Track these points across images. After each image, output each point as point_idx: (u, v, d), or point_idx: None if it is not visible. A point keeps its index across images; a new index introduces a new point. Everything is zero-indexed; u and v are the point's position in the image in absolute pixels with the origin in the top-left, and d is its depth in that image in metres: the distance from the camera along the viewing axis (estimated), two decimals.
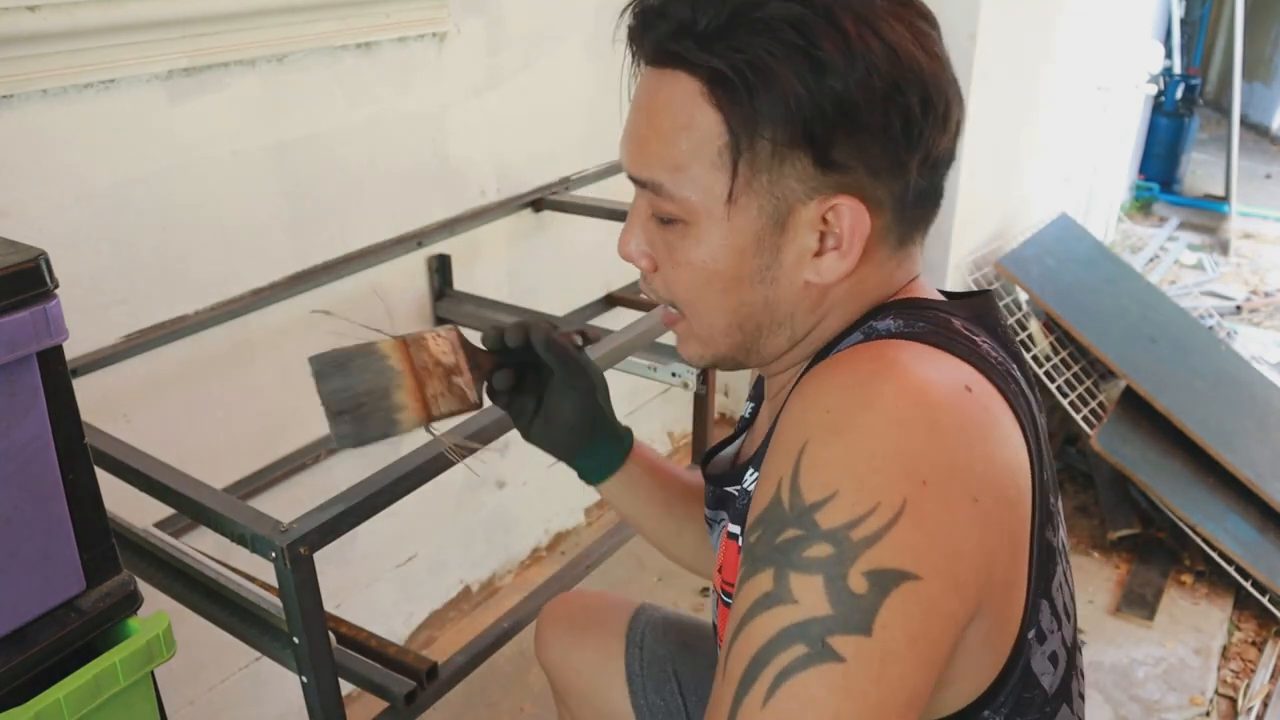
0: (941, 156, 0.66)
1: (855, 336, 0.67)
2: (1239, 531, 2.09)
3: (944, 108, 0.63)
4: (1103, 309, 2.54)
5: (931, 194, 0.68)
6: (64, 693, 0.70)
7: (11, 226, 1.13)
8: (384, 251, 1.57)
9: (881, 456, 0.54)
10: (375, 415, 0.77)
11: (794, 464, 0.56)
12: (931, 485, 0.54)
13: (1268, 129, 6.30)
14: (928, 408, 0.56)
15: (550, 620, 1.11)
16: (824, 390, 0.59)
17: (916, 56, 0.61)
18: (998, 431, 0.59)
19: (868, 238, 0.65)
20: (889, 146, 0.62)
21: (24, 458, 0.70)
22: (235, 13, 1.27)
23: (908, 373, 0.58)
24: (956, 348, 0.62)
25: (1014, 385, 0.64)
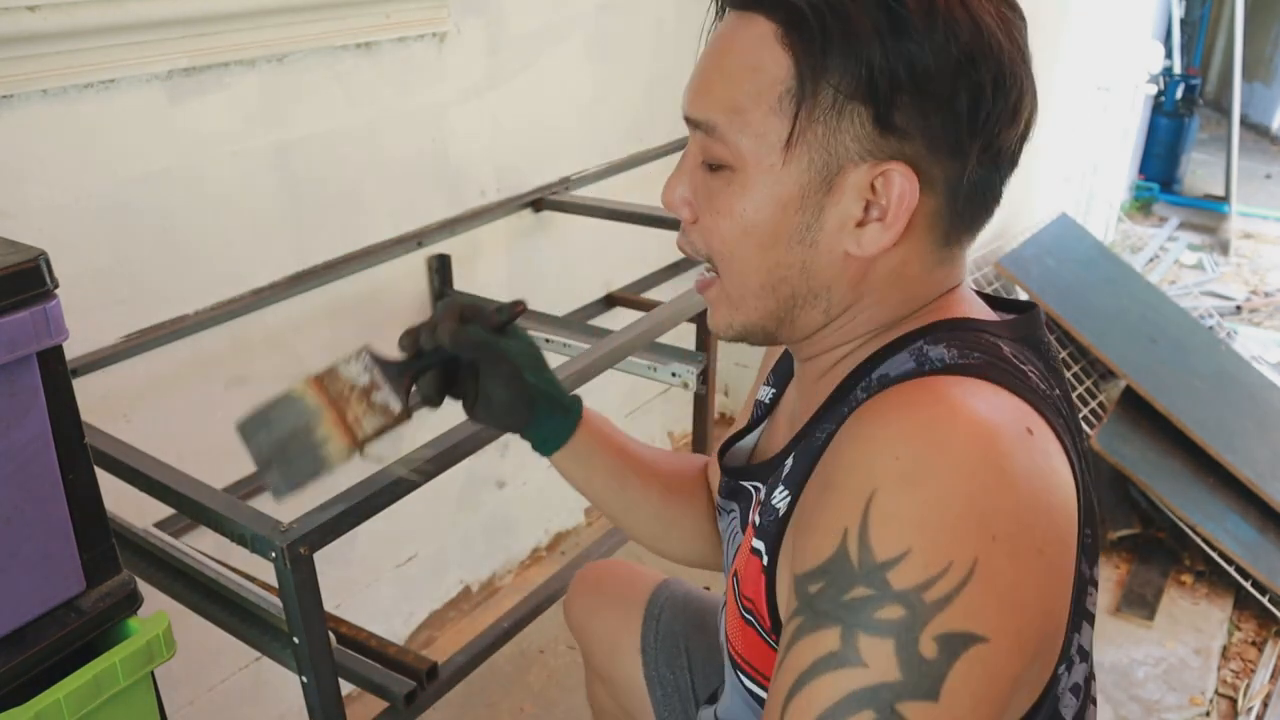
0: (1005, 149, 0.63)
1: (905, 361, 0.63)
2: (1239, 531, 2.09)
3: (1016, 96, 0.61)
4: (1103, 309, 2.54)
5: (987, 192, 0.65)
6: (64, 693, 0.70)
7: (11, 226, 1.13)
8: (384, 251, 1.57)
9: (955, 511, 0.52)
10: (302, 456, 0.76)
11: (862, 515, 0.54)
12: (1001, 540, 0.52)
13: (1268, 129, 6.30)
14: (997, 456, 0.54)
15: (579, 585, 1.16)
16: (889, 433, 0.56)
17: (998, 36, 0.60)
18: (1056, 476, 0.57)
19: (917, 217, 0.63)
20: (953, 122, 0.60)
21: (24, 458, 0.70)
22: (235, 13, 1.27)
23: (975, 417, 0.55)
24: (1014, 383, 0.60)
25: (1062, 419, 0.62)
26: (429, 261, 1.68)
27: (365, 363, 0.79)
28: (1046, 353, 0.69)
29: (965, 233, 0.67)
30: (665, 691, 1.06)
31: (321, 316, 1.53)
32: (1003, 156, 0.63)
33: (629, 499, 0.94)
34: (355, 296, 1.57)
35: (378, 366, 0.79)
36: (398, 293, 1.65)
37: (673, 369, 1.39)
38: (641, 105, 2.06)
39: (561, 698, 1.78)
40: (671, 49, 2.09)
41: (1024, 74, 0.62)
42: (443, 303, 0.86)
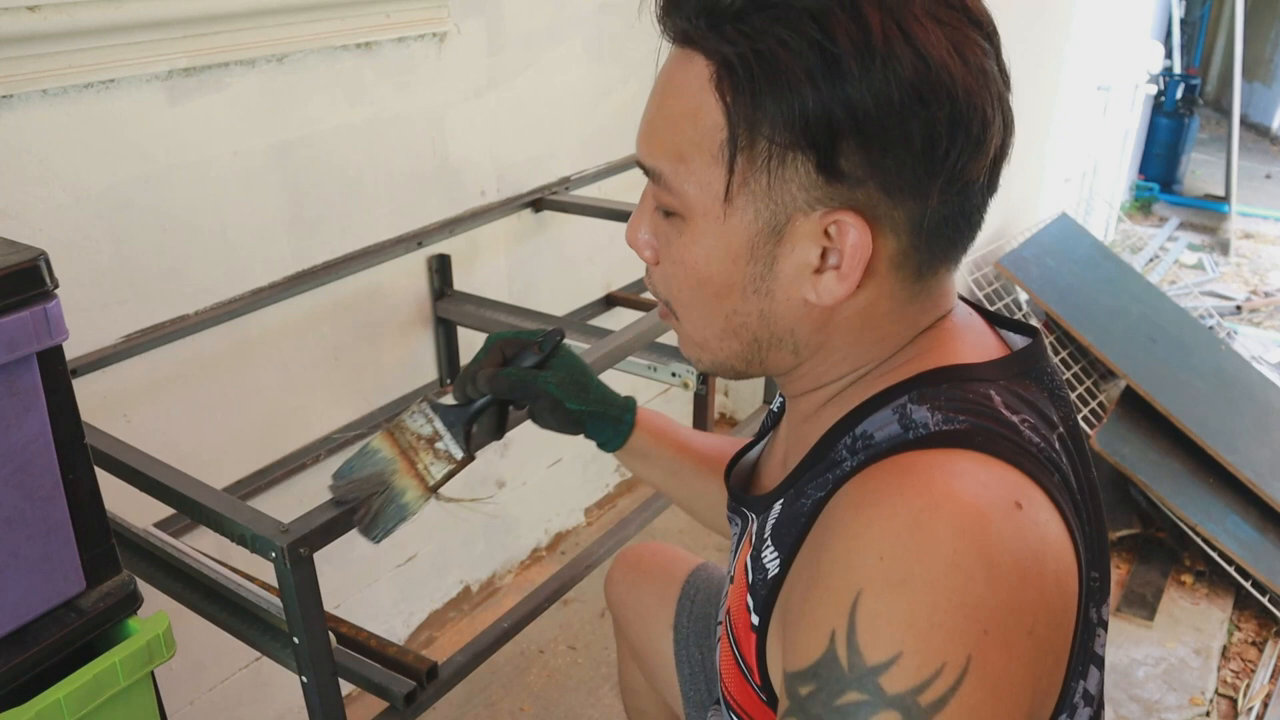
0: (973, 181, 0.59)
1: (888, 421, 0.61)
2: (1239, 531, 2.09)
3: (979, 128, 0.57)
4: (1103, 309, 2.54)
5: (960, 221, 0.61)
6: (64, 693, 0.70)
7: (11, 226, 1.13)
8: (384, 251, 1.57)
9: (944, 610, 0.51)
10: (386, 508, 0.84)
11: (848, 618, 0.53)
12: (992, 632, 0.51)
13: (1268, 129, 6.30)
14: (985, 546, 0.53)
15: (621, 561, 1.21)
16: (873, 532, 0.54)
17: (949, 66, 0.56)
18: (1047, 548, 0.56)
19: (879, 260, 0.60)
20: (907, 163, 0.57)
21: (24, 458, 0.70)
22: (235, 13, 1.27)
23: (960, 507, 0.54)
24: (1002, 447, 0.57)
25: (1057, 474, 0.59)
26: (429, 261, 1.69)
27: (426, 413, 0.85)
28: (1050, 381, 0.67)
29: (942, 263, 0.63)
30: (692, 670, 1.09)
31: (321, 316, 1.53)
32: (972, 188, 0.60)
33: (689, 490, 1.00)
34: (355, 296, 1.57)
35: (437, 415, 0.85)
36: (398, 293, 1.65)
37: (673, 369, 1.39)
38: (641, 105, 2.06)
39: (561, 698, 1.78)
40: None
41: (987, 100, 0.58)
42: (485, 343, 0.90)
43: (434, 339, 1.74)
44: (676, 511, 2.31)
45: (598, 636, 1.92)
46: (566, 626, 1.95)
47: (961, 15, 0.58)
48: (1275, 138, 6.21)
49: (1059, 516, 0.57)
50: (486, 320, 1.64)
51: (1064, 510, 0.57)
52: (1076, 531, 0.58)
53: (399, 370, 1.69)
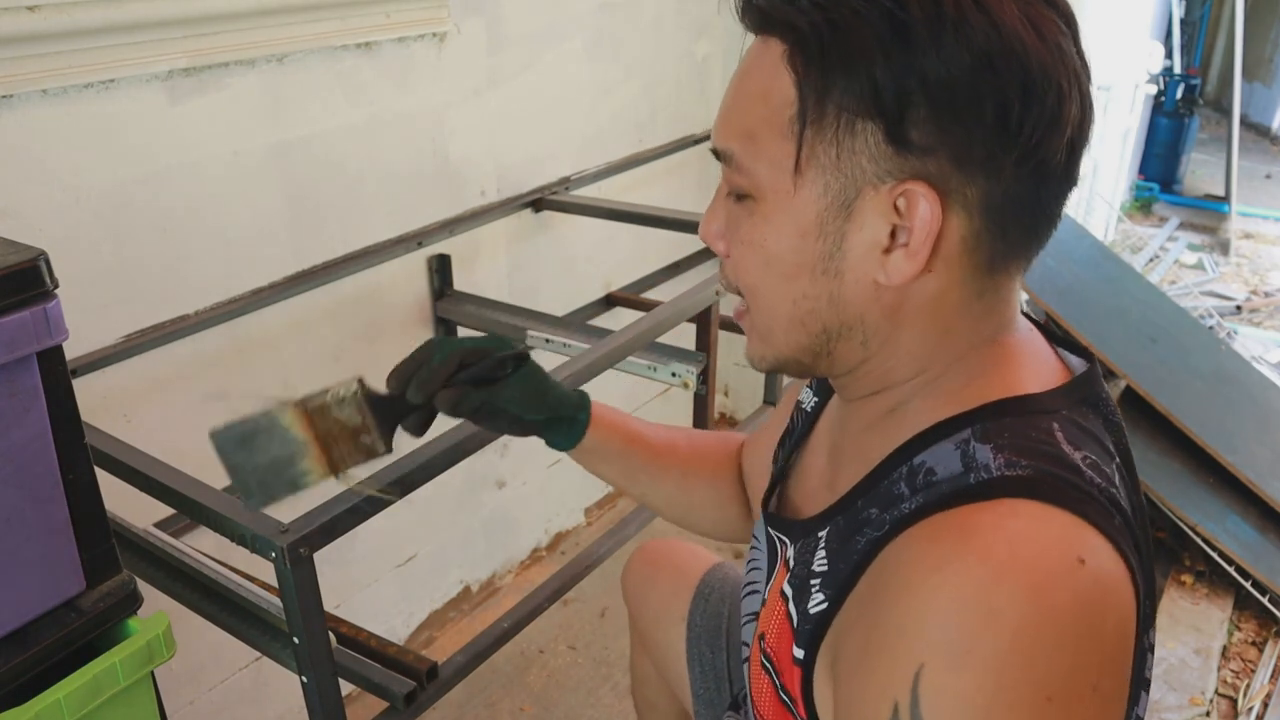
0: (1049, 160, 0.58)
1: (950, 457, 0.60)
2: (1239, 531, 2.09)
3: (1054, 101, 0.56)
4: (1103, 309, 2.54)
5: (1035, 210, 0.60)
6: (64, 693, 0.70)
7: (11, 226, 1.13)
8: (384, 251, 1.57)
9: (1009, 685, 0.51)
10: (278, 479, 0.79)
11: (911, 690, 0.52)
12: (1056, 699, 0.51)
13: (1268, 129, 6.30)
14: (1047, 614, 0.52)
15: (640, 555, 1.21)
16: (937, 601, 0.53)
17: (1023, 36, 0.55)
18: (1109, 597, 0.55)
19: (950, 242, 0.59)
20: (978, 134, 0.56)
21: (24, 458, 0.70)
22: (235, 13, 1.27)
23: (1024, 574, 0.53)
24: (1065, 494, 0.56)
25: (1118, 515, 0.58)
26: (429, 261, 1.68)
27: (359, 404, 0.79)
28: (1105, 406, 0.66)
29: (1012, 259, 0.62)
30: (703, 668, 1.10)
31: (321, 316, 1.53)
32: (1048, 168, 0.58)
33: (643, 484, 0.99)
34: (355, 296, 1.57)
35: (369, 407, 0.80)
36: (398, 293, 1.65)
37: (673, 369, 1.39)
38: (641, 105, 2.06)
39: (561, 698, 1.78)
40: (671, 49, 2.09)
41: (1063, 75, 0.56)
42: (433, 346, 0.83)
43: None
44: None
45: (598, 636, 1.92)
46: (566, 626, 1.95)
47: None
48: (1275, 138, 6.21)
49: (1121, 560, 0.56)
50: (486, 320, 1.64)
51: (1125, 551, 0.57)
52: (1136, 569, 0.57)
53: None
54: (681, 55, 2.13)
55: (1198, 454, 2.20)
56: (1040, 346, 0.67)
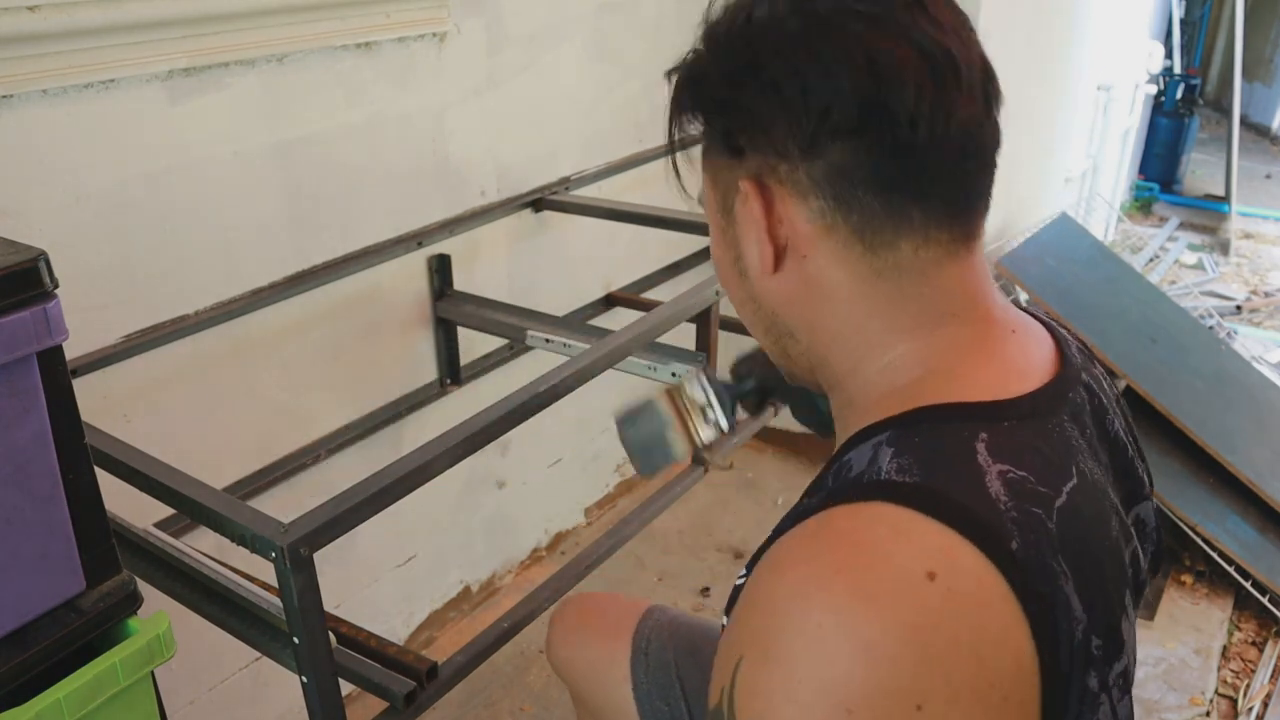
0: (863, 128, 0.58)
1: (864, 455, 0.61)
2: (1239, 531, 2.09)
3: (820, 71, 0.58)
4: (1103, 309, 2.54)
5: (885, 179, 0.60)
6: (64, 693, 0.70)
7: (11, 226, 1.13)
8: (384, 251, 1.57)
9: (801, 687, 0.52)
10: (657, 451, 0.96)
11: (731, 680, 0.55)
12: (856, 712, 0.51)
13: (1268, 129, 6.30)
14: (859, 624, 0.52)
15: (559, 622, 1.13)
16: (764, 595, 0.56)
17: (783, 26, 0.60)
18: (963, 618, 0.53)
19: (798, 224, 0.62)
20: (768, 121, 0.61)
21: (24, 458, 0.70)
22: (235, 13, 1.27)
23: (847, 581, 0.53)
24: (942, 508, 0.55)
25: (1025, 538, 0.56)
26: (429, 261, 1.68)
27: (703, 384, 0.96)
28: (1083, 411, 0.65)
29: (880, 233, 0.62)
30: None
31: (321, 316, 1.53)
32: (862, 134, 0.59)
33: None
34: (355, 296, 1.57)
35: (712, 389, 0.95)
36: (398, 293, 1.65)
37: (673, 369, 1.39)
38: (641, 105, 2.06)
39: (561, 698, 1.78)
40: (671, 49, 2.09)
41: (831, 44, 0.59)
42: None
43: (434, 339, 1.73)
44: (676, 512, 2.32)
45: None
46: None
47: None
48: (1275, 138, 6.21)
49: (1003, 584, 0.54)
50: (486, 320, 1.64)
51: (1013, 579, 0.54)
52: (1036, 604, 0.55)
53: (399, 370, 1.69)
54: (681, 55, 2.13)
55: (1198, 454, 2.20)
56: (1023, 352, 0.66)
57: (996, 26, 2.10)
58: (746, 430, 1.69)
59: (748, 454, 2.56)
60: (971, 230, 0.64)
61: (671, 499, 1.48)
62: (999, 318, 0.66)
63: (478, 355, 1.84)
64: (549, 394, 1.10)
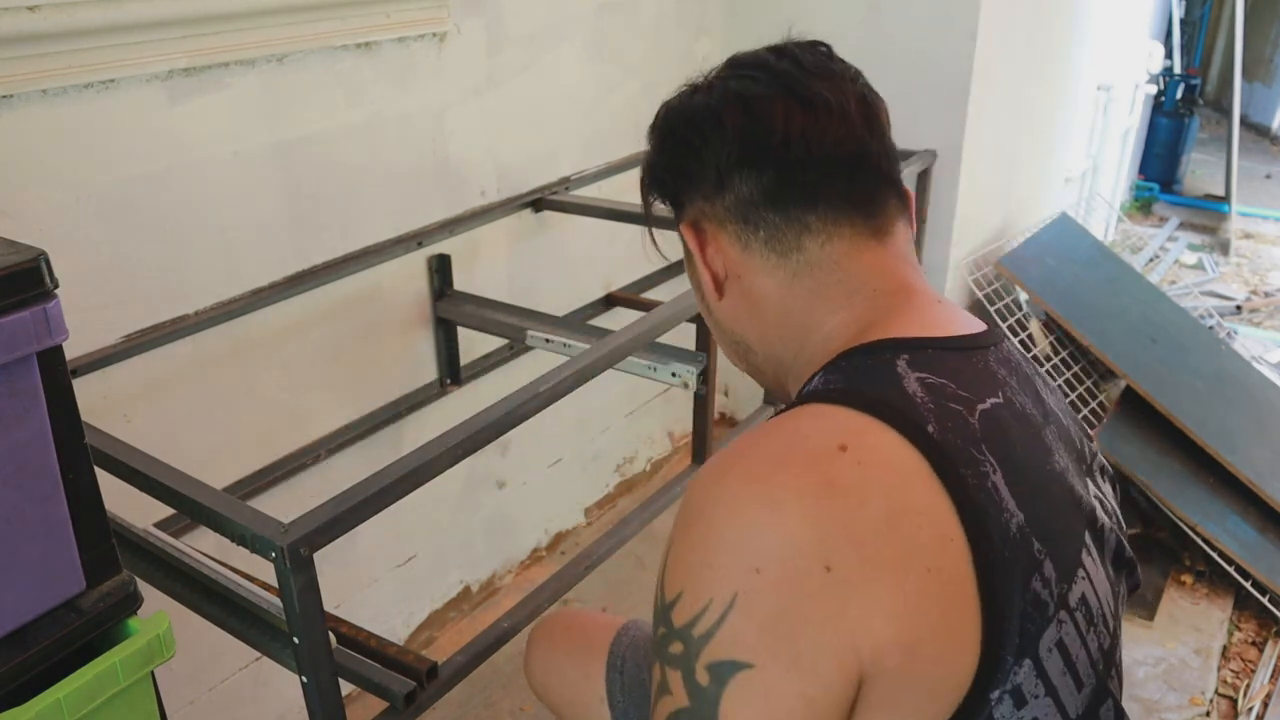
0: (746, 161, 0.73)
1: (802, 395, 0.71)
2: (1239, 531, 2.09)
3: (708, 125, 0.74)
4: (1103, 309, 2.54)
5: (773, 198, 0.73)
6: (64, 693, 0.70)
7: (11, 226, 1.13)
8: (384, 251, 1.57)
9: (715, 550, 0.57)
10: None
11: (663, 564, 0.61)
12: (765, 571, 0.56)
13: (1268, 129, 6.30)
14: (767, 491, 0.58)
15: (534, 645, 1.13)
16: (693, 484, 0.62)
17: (693, 102, 0.76)
18: (873, 485, 0.58)
19: (729, 251, 0.76)
20: (689, 173, 0.76)
21: (24, 458, 0.70)
22: (235, 13, 1.27)
23: (758, 456, 0.60)
24: (856, 398, 0.63)
25: (943, 425, 0.61)
26: (429, 261, 1.68)
27: None
28: (1009, 364, 0.72)
29: (784, 240, 0.73)
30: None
31: (321, 316, 1.53)
32: (749, 166, 0.73)
33: None
34: (355, 296, 1.57)
35: None
36: (397, 293, 1.65)
37: (673, 369, 1.39)
38: (641, 105, 2.06)
39: None
40: (671, 49, 2.09)
41: (709, 102, 0.75)
42: None
43: (434, 339, 1.73)
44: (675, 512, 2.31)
45: None
46: None
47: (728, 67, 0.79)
48: (1275, 138, 6.21)
49: (921, 461, 0.59)
50: (486, 320, 1.64)
51: (933, 458, 0.60)
52: (958, 485, 0.59)
53: (399, 370, 1.69)
54: (681, 55, 2.13)
55: (1198, 454, 2.20)
56: (949, 315, 0.73)
57: (996, 26, 2.10)
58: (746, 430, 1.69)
59: None
60: (877, 226, 0.74)
61: (671, 499, 1.48)
62: (921, 289, 0.75)
63: (478, 355, 1.84)
64: (549, 394, 1.10)
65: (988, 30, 2.06)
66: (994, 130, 2.32)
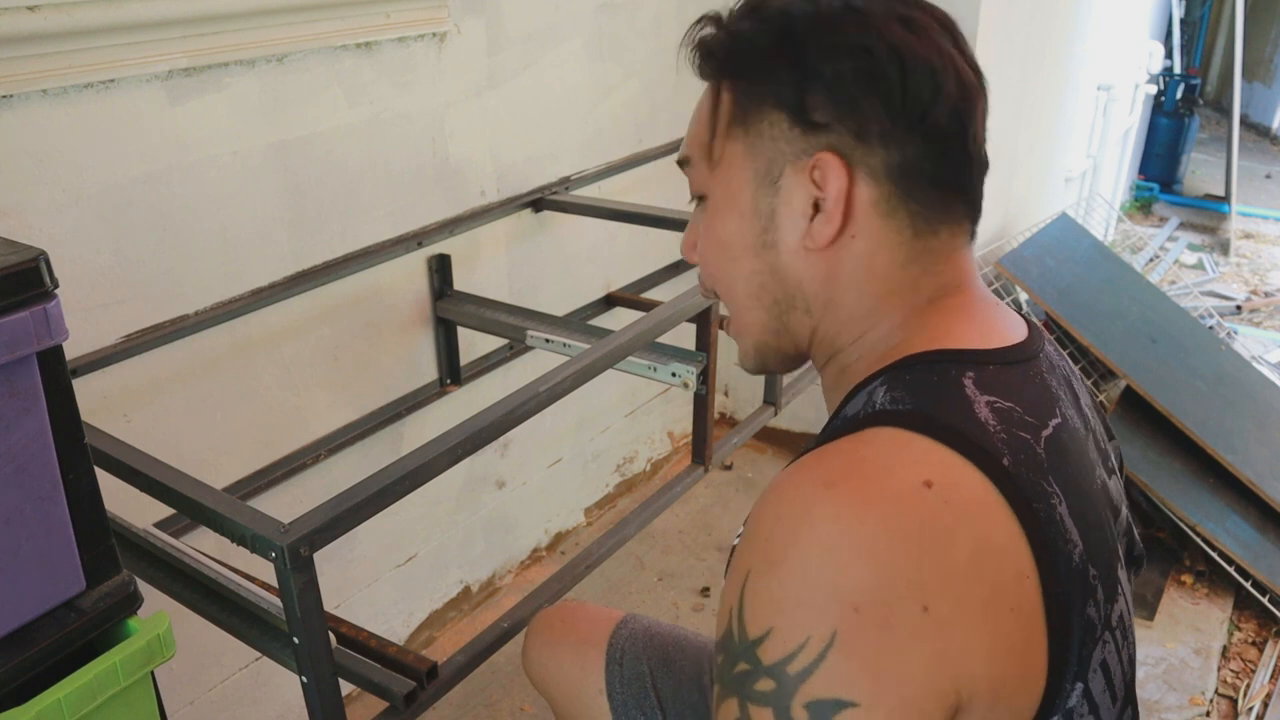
0: (935, 128, 0.65)
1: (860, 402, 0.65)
2: (1239, 531, 2.09)
3: (927, 75, 0.64)
4: (1103, 309, 2.54)
5: (938, 176, 0.66)
6: (64, 693, 0.70)
7: (11, 226, 1.13)
8: (384, 251, 1.57)
9: (810, 588, 0.55)
10: None
11: (739, 596, 0.58)
12: (864, 610, 0.54)
13: (1268, 129, 6.30)
14: (861, 530, 0.55)
15: (533, 636, 1.13)
16: (766, 516, 0.59)
17: (894, 30, 0.64)
18: (961, 526, 0.56)
19: (863, 206, 0.66)
20: (869, 112, 0.64)
21: (24, 458, 0.70)
22: (235, 13, 1.27)
23: (847, 490, 0.57)
24: (934, 427, 0.59)
25: (1016, 457, 0.60)
26: (429, 261, 1.68)
27: None
28: (1055, 371, 0.69)
29: (932, 224, 0.68)
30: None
31: (321, 316, 1.53)
32: (940, 137, 0.66)
33: None
34: (355, 296, 1.57)
35: None
36: (398, 293, 1.65)
37: (673, 369, 1.39)
38: (642, 105, 2.06)
39: None
40: (671, 49, 2.09)
41: (933, 54, 0.65)
42: None
43: (434, 339, 1.73)
44: (676, 512, 2.32)
45: None
46: None
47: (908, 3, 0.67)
48: (1275, 138, 6.21)
49: (998, 498, 0.58)
50: (486, 320, 1.64)
51: (1008, 493, 0.58)
52: (1031, 520, 0.58)
53: (399, 370, 1.69)
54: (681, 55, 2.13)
55: (1198, 454, 2.20)
56: (992, 314, 0.71)
57: (996, 26, 2.10)
58: (746, 430, 1.69)
59: (748, 454, 2.56)
60: (974, 228, 0.71)
61: (671, 499, 1.48)
62: (982, 292, 0.72)
63: (478, 355, 1.84)
64: (549, 394, 1.10)
65: (988, 30, 2.06)
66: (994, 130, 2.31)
